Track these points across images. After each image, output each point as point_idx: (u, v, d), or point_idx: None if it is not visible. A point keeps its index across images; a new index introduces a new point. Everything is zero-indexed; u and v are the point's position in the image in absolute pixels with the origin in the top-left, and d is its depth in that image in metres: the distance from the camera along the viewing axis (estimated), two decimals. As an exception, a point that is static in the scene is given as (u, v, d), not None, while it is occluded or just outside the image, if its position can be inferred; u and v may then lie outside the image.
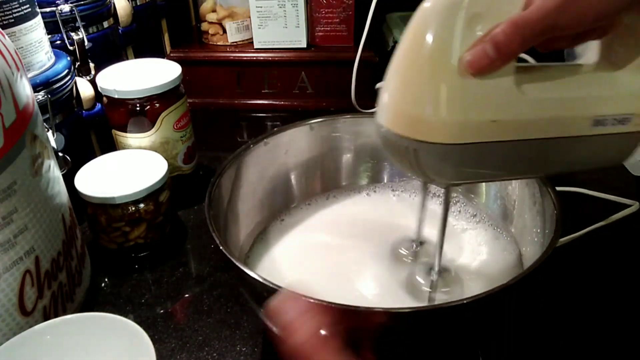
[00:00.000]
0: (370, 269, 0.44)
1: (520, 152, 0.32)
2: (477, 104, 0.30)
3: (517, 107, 0.30)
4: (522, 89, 0.30)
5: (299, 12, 0.79)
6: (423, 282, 0.41)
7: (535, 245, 0.42)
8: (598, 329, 0.45)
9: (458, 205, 0.51)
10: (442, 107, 0.29)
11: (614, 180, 0.63)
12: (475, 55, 0.29)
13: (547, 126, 0.31)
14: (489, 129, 0.30)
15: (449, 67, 0.29)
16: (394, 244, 0.46)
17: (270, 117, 0.83)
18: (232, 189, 0.46)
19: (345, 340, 0.29)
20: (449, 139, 0.30)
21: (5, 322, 0.39)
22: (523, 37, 0.28)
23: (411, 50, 0.31)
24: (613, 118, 0.33)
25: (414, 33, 0.30)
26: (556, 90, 0.32)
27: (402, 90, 0.31)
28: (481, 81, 0.29)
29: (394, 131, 0.31)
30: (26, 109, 0.39)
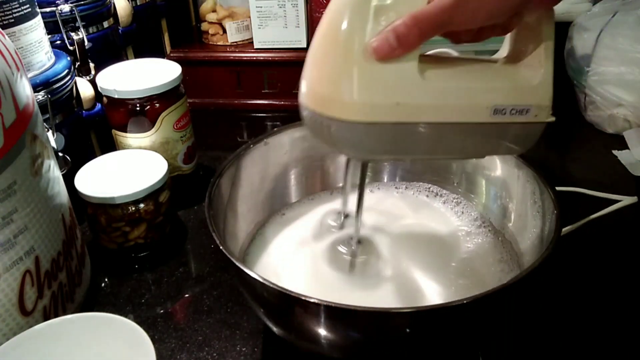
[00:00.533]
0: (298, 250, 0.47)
1: (424, 134, 0.34)
2: (382, 87, 0.32)
3: (419, 92, 0.33)
4: (425, 75, 0.33)
5: (299, 12, 0.79)
6: (344, 251, 0.45)
7: (535, 244, 0.42)
8: (598, 328, 0.45)
9: (461, 206, 0.51)
10: (351, 87, 0.32)
11: (613, 180, 0.63)
12: (379, 43, 0.31)
13: (448, 111, 0.34)
14: (393, 110, 0.33)
15: (358, 51, 0.32)
16: (323, 216, 0.49)
17: (270, 117, 0.83)
18: (232, 189, 0.46)
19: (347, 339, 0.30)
20: (356, 117, 0.33)
21: (5, 322, 0.39)
22: (421, 30, 0.31)
23: (325, 35, 0.33)
24: (512, 108, 0.35)
25: (329, 19, 0.33)
26: (457, 79, 0.35)
27: (316, 70, 0.34)
28: (386, 66, 0.32)
29: (311, 108, 0.34)
30: (26, 109, 0.39)
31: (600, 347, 0.43)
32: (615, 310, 0.46)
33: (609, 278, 0.50)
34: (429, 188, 0.53)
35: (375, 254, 0.45)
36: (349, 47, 0.32)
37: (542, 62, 0.35)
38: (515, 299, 0.38)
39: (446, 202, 0.52)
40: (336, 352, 0.37)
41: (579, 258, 0.52)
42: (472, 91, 0.34)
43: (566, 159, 0.70)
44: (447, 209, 0.51)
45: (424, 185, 0.54)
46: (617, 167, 0.65)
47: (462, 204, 0.51)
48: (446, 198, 0.52)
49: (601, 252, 0.53)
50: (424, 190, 0.53)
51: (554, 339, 0.44)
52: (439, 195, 0.52)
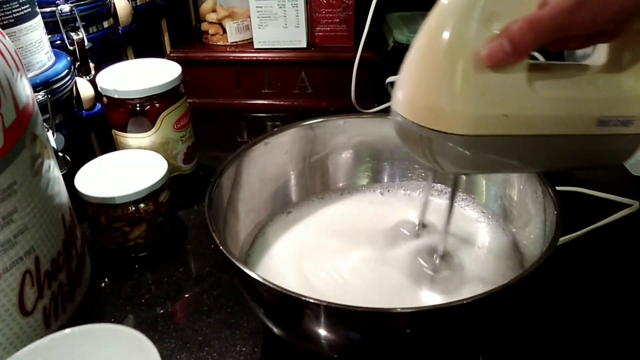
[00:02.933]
0: (372, 251, 0.45)
1: (528, 146, 0.33)
2: (490, 98, 0.31)
3: (527, 103, 0.32)
4: (534, 86, 0.32)
5: (299, 12, 0.79)
6: (426, 265, 0.42)
7: (535, 245, 0.42)
8: (598, 329, 0.45)
9: (462, 205, 0.51)
10: (457, 98, 0.31)
11: (614, 180, 0.63)
12: (491, 49, 0.30)
13: (555, 123, 0.33)
14: (500, 122, 0.31)
15: (465, 60, 0.30)
16: (396, 226, 0.47)
17: (270, 117, 0.83)
18: (232, 189, 0.46)
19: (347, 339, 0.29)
20: (462, 129, 0.31)
21: (5, 322, 0.39)
22: (538, 35, 0.30)
23: (429, 44, 0.32)
24: (617, 119, 0.34)
25: (432, 27, 0.32)
26: (565, 89, 0.33)
27: (419, 80, 0.33)
28: (495, 76, 0.31)
29: (410, 119, 0.33)
30: (26, 109, 0.39)
31: (601, 347, 0.43)
32: (616, 311, 0.46)
33: (610, 280, 0.50)
34: (432, 186, 0.53)
35: (460, 267, 0.42)
36: (455, 54, 0.30)
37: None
38: (515, 299, 0.38)
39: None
40: (336, 352, 0.37)
41: (579, 258, 0.51)
42: (580, 102, 0.33)
43: (566, 159, 0.70)
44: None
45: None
46: (617, 167, 0.65)
47: (466, 206, 0.51)
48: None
49: (602, 253, 0.53)
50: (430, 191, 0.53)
51: (555, 339, 0.44)
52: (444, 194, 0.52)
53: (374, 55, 0.78)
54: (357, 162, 0.54)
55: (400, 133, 0.35)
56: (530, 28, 0.30)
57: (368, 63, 0.77)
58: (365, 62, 0.76)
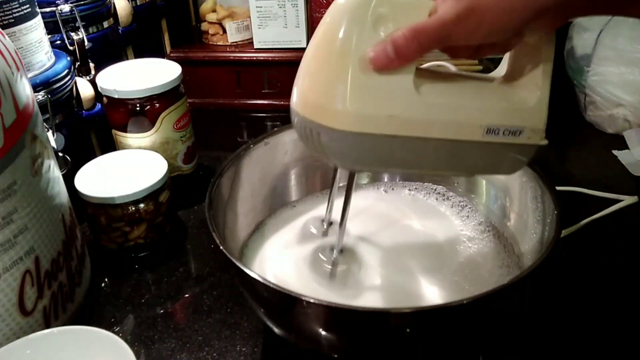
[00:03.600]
0: (288, 251, 0.46)
1: (414, 148, 0.34)
2: (375, 98, 0.32)
3: (412, 106, 0.32)
4: (420, 89, 0.32)
5: (299, 12, 0.79)
6: (325, 259, 0.43)
7: (535, 245, 0.42)
8: (598, 328, 0.45)
9: (466, 210, 0.51)
10: (344, 96, 0.32)
11: (614, 180, 0.63)
12: (376, 53, 0.31)
13: (440, 127, 0.33)
14: (385, 122, 0.32)
15: (353, 60, 0.31)
16: (305, 222, 0.48)
17: (270, 117, 0.83)
18: (232, 188, 0.46)
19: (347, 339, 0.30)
20: (347, 126, 0.32)
21: (5, 322, 0.39)
22: (420, 43, 0.31)
23: (321, 42, 0.33)
24: (505, 129, 0.34)
25: (326, 25, 0.33)
26: (452, 96, 0.34)
27: (310, 78, 0.34)
28: (381, 77, 0.31)
29: (301, 114, 0.34)
30: (26, 109, 0.39)
31: (601, 346, 0.43)
32: (615, 310, 0.46)
33: (609, 278, 0.50)
34: (434, 189, 0.53)
35: (358, 263, 0.44)
36: (344, 54, 0.31)
37: (539, 84, 0.35)
38: (515, 299, 0.38)
39: (453, 205, 0.51)
40: (336, 352, 0.37)
41: (579, 258, 0.51)
42: (466, 109, 0.34)
43: (566, 159, 0.70)
44: (453, 213, 0.50)
45: (430, 186, 0.53)
46: (617, 167, 0.65)
47: (468, 207, 0.51)
48: (453, 201, 0.51)
49: (602, 252, 0.53)
50: (432, 193, 0.53)
51: (555, 338, 0.44)
52: (446, 199, 0.52)
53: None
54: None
55: (296, 127, 0.36)
56: (413, 37, 0.30)
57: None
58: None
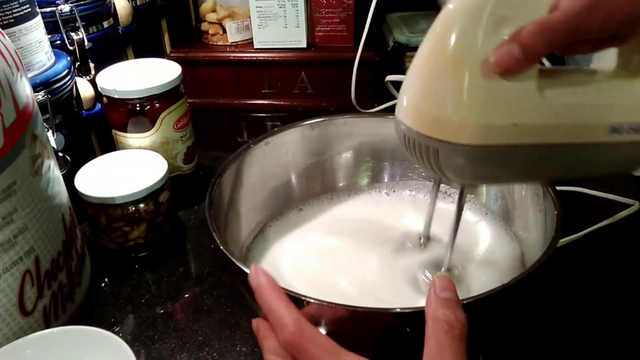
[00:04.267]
0: (374, 258, 0.44)
1: (538, 155, 0.32)
2: (499, 107, 0.30)
3: (537, 111, 0.31)
4: (543, 93, 0.30)
5: (299, 12, 0.78)
6: (428, 281, 0.41)
7: (536, 245, 0.42)
8: (599, 329, 0.45)
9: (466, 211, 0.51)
10: (465, 108, 0.30)
11: (614, 180, 0.63)
12: (501, 55, 0.29)
13: (566, 131, 0.32)
14: (510, 131, 0.30)
15: (473, 67, 0.29)
16: (400, 237, 0.45)
17: (270, 117, 0.83)
18: (232, 188, 0.46)
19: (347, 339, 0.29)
20: (470, 140, 0.30)
21: (5, 322, 0.39)
22: (549, 39, 0.29)
23: (435, 50, 0.31)
24: (629, 126, 0.33)
25: (438, 33, 0.31)
26: (575, 96, 0.32)
27: (425, 89, 0.31)
28: (504, 84, 0.29)
29: (415, 129, 0.32)
30: (26, 109, 0.39)
31: (602, 347, 0.43)
32: (616, 312, 0.46)
33: (611, 280, 0.50)
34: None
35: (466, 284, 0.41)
36: (462, 60, 0.29)
37: None
38: (515, 299, 0.38)
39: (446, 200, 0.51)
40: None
41: (579, 259, 0.51)
42: (590, 109, 0.32)
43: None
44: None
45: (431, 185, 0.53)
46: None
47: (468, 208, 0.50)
48: (454, 198, 0.51)
49: (603, 254, 0.53)
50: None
51: (555, 339, 0.44)
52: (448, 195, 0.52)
53: (373, 55, 0.78)
54: (357, 161, 0.54)
55: (405, 143, 0.34)
56: (541, 32, 0.28)
57: (368, 63, 0.77)
58: (365, 62, 0.76)
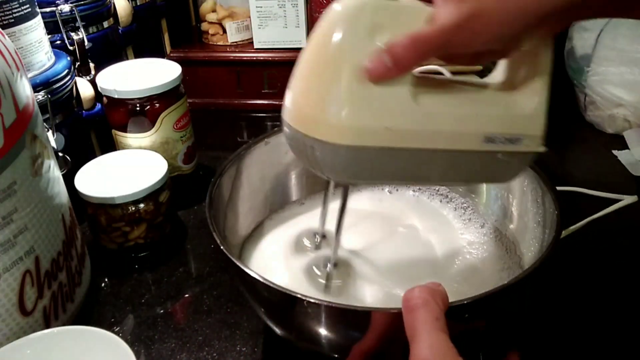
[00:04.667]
0: (285, 258, 0.45)
1: (412, 159, 0.33)
2: (372, 110, 0.31)
3: (410, 117, 0.31)
4: (418, 99, 0.31)
5: (299, 12, 0.79)
6: (319, 274, 0.42)
7: (535, 245, 0.42)
8: (598, 328, 0.45)
9: (468, 213, 0.51)
10: (339, 109, 0.30)
11: (613, 180, 0.63)
12: (373, 63, 0.30)
13: (439, 138, 0.33)
14: (383, 135, 0.31)
15: (349, 71, 0.30)
16: (298, 235, 0.47)
17: (270, 117, 0.83)
18: (232, 188, 0.46)
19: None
20: (343, 140, 0.31)
21: (5, 322, 0.39)
22: (417, 52, 0.30)
23: (315, 52, 0.32)
24: (503, 137, 0.34)
25: (320, 34, 0.32)
26: (451, 105, 0.33)
27: (303, 89, 0.33)
28: (378, 88, 0.30)
29: (295, 127, 0.33)
30: (26, 109, 0.39)
31: (602, 347, 0.43)
32: (616, 310, 0.46)
33: (610, 278, 0.50)
34: (437, 190, 0.52)
35: (352, 276, 0.43)
36: (339, 65, 0.30)
37: (537, 90, 0.34)
38: (515, 299, 0.38)
39: (456, 208, 0.51)
40: (336, 351, 0.37)
41: (580, 258, 0.51)
42: (465, 118, 0.33)
43: (566, 159, 0.70)
44: (456, 216, 0.50)
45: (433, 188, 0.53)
46: (617, 167, 0.65)
47: (470, 209, 0.50)
48: (456, 203, 0.51)
49: (602, 252, 0.53)
50: (436, 195, 0.52)
51: (555, 338, 0.44)
52: (449, 200, 0.52)
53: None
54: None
55: (288, 141, 0.35)
56: (410, 45, 0.30)
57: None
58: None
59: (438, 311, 0.28)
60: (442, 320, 0.27)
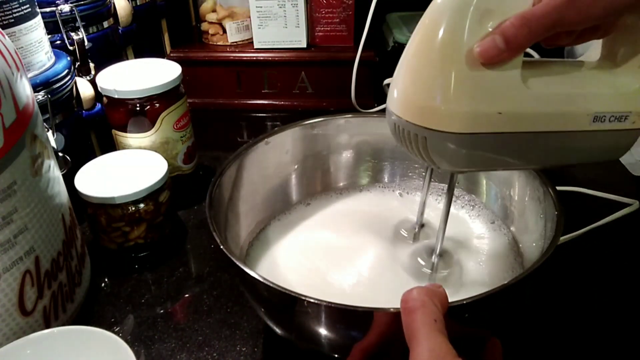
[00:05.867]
0: (372, 250, 0.45)
1: (524, 143, 0.33)
2: (484, 96, 0.31)
3: (521, 100, 0.32)
4: (528, 83, 0.32)
5: (299, 12, 0.79)
6: (424, 264, 0.42)
7: (536, 245, 0.42)
8: (598, 329, 0.45)
9: (462, 205, 0.51)
10: (451, 97, 0.31)
11: (614, 180, 0.63)
12: (485, 46, 0.30)
13: (550, 120, 0.33)
14: (495, 120, 0.31)
15: (459, 59, 0.30)
16: (395, 226, 0.47)
17: (270, 117, 0.83)
18: (232, 188, 0.46)
19: None
20: (456, 128, 0.31)
21: (5, 322, 0.39)
22: (531, 31, 0.30)
23: (423, 42, 0.32)
24: (611, 115, 0.34)
25: (427, 26, 0.32)
26: (559, 85, 0.33)
27: (413, 79, 0.33)
28: (489, 73, 0.31)
29: (405, 119, 0.33)
30: (26, 109, 0.39)
31: (602, 347, 0.43)
32: (617, 312, 0.46)
33: (611, 281, 0.50)
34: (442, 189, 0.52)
35: (458, 267, 0.43)
36: (449, 52, 0.30)
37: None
38: (515, 299, 0.38)
39: (464, 206, 0.51)
40: (336, 351, 0.37)
41: (579, 259, 0.51)
42: (574, 98, 0.33)
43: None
44: (463, 214, 0.50)
45: (437, 185, 0.53)
46: (617, 167, 0.65)
47: (477, 207, 0.50)
48: (463, 201, 0.51)
49: (603, 255, 0.53)
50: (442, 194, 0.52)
51: (555, 339, 0.44)
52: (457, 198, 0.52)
53: (373, 55, 0.78)
54: (357, 161, 0.54)
55: (396, 132, 0.35)
56: (523, 24, 0.30)
57: (368, 63, 0.77)
58: (365, 62, 0.76)
59: (436, 313, 0.28)
60: (441, 322, 0.27)
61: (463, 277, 0.42)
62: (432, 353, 0.26)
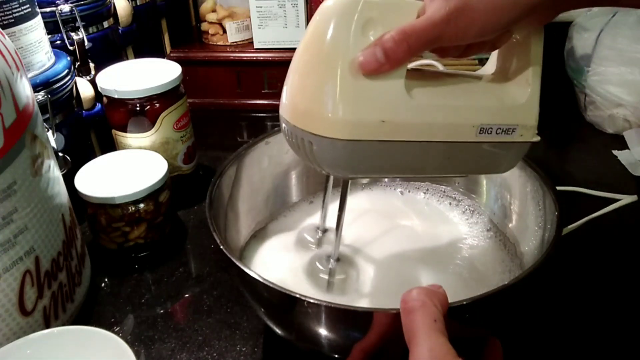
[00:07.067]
0: (286, 256, 0.46)
1: (408, 152, 0.33)
2: (367, 104, 0.31)
3: (405, 110, 0.32)
4: (412, 93, 0.32)
5: (299, 12, 0.79)
6: (322, 269, 0.42)
7: (536, 245, 0.42)
8: (599, 328, 0.45)
9: (473, 216, 0.51)
10: (335, 104, 0.31)
11: (613, 180, 0.63)
12: (366, 57, 0.30)
13: (434, 130, 0.33)
14: (378, 128, 0.31)
15: (343, 66, 0.30)
16: (300, 231, 0.47)
17: (270, 117, 0.83)
18: (232, 188, 0.46)
19: None
20: (340, 134, 0.31)
21: (5, 322, 0.39)
22: (410, 46, 0.30)
23: (309, 48, 0.32)
24: (498, 127, 0.34)
25: (313, 31, 0.32)
26: (444, 97, 0.33)
27: (299, 84, 0.33)
28: (372, 82, 0.31)
29: (292, 123, 0.33)
30: (26, 109, 0.39)
31: (602, 346, 0.43)
32: (616, 309, 0.46)
33: (609, 277, 0.50)
34: (444, 192, 0.53)
35: (356, 271, 0.43)
36: (333, 60, 0.30)
37: (529, 80, 0.34)
38: (515, 299, 0.38)
39: (462, 210, 0.51)
40: (336, 352, 0.37)
41: (579, 257, 0.51)
42: (459, 110, 0.33)
43: (566, 159, 0.70)
44: (457, 215, 0.50)
45: (438, 187, 0.53)
46: (617, 167, 0.65)
47: (476, 212, 0.50)
48: (460, 204, 0.51)
49: (602, 251, 0.53)
50: (436, 193, 0.52)
51: (555, 338, 0.44)
52: (453, 199, 0.52)
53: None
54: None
55: (286, 136, 0.35)
56: (402, 40, 0.30)
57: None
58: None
59: (436, 313, 0.28)
60: (441, 322, 0.27)
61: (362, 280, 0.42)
62: (432, 353, 0.26)
